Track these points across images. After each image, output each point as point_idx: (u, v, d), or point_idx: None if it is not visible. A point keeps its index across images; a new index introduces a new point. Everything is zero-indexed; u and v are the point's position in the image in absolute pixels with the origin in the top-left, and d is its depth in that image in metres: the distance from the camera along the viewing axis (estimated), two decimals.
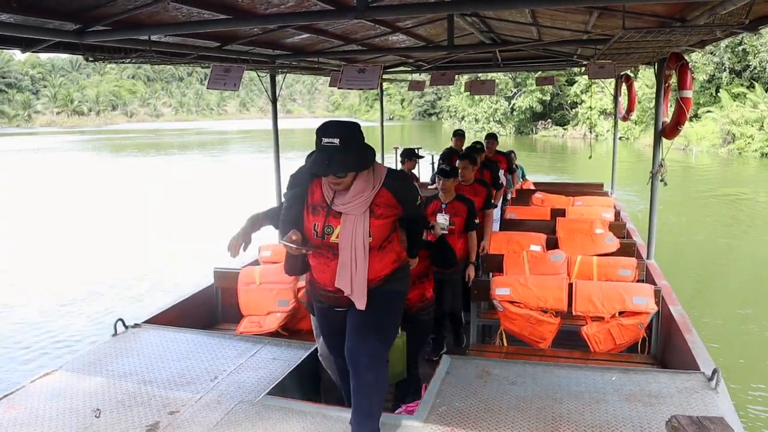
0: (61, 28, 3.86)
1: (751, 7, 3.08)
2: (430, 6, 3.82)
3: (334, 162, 2.53)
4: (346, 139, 2.55)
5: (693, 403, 2.95)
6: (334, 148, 2.54)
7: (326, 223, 2.73)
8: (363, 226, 2.69)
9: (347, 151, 2.55)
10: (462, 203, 4.91)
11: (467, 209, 4.89)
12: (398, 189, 2.73)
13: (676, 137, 5.26)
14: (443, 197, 4.92)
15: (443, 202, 4.92)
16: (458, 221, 4.86)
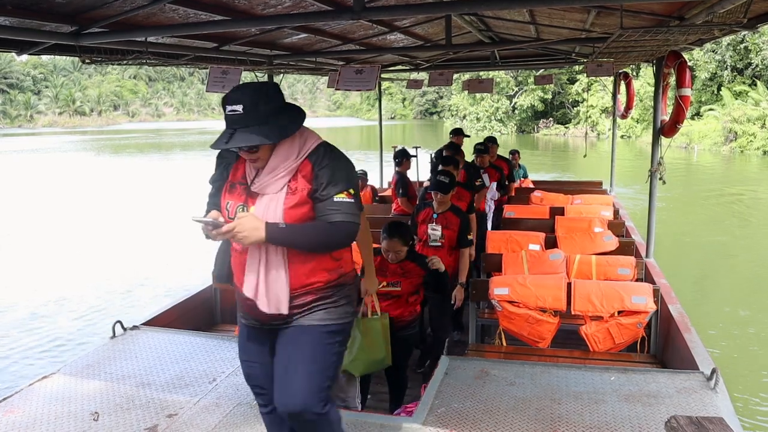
0: (58, 30, 3.85)
1: (750, 6, 3.08)
2: (427, 6, 3.81)
3: (237, 134, 2.07)
4: (254, 105, 2.08)
5: (692, 403, 2.95)
6: (237, 117, 2.08)
7: (240, 202, 2.24)
8: (276, 208, 2.16)
9: (255, 120, 2.08)
10: (455, 215, 4.55)
11: (460, 222, 4.51)
12: (322, 164, 2.17)
13: (675, 135, 5.25)
14: (437, 206, 4.60)
15: (435, 212, 4.59)
16: (449, 235, 4.50)
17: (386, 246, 3.79)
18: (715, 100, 31.46)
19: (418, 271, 3.81)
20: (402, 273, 3.80)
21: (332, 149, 2.25)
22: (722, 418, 1.94)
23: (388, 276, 3.78)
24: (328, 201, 2.15)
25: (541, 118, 42.90)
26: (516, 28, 6.49)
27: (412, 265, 3.82)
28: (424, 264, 3.86)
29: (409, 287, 3.80)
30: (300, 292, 2.22)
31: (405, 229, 3.86)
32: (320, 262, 2.23)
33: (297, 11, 4.12)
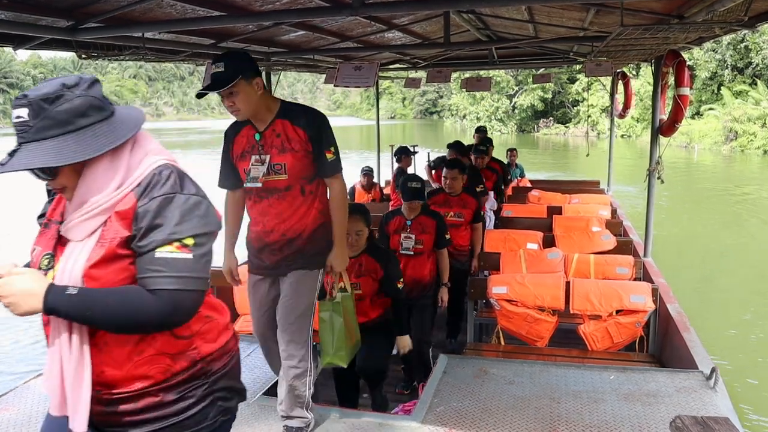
0: (54, 24, 3.81)
1: (750, 4, 3.06)
2: (425, 3, 3.79)
3: (20, 150, 1.41)
4: (38, 113, 1.39)
5: (692, 403, 2.94)
6: (22, 126, 1.41)
7: (47, 250, 1.54)
8: (74, 264, 1.45)
9: (44, 128, 1.40)
10: (429, 218, 4.31)
11: (436, 224, 4.30)
12: (148, 198, 1.44)
13: (673, 135, 5.24)
14: (407, 213, 4.30)
15: (407, 219, 4.30)
16: (426, 239, 4.26)
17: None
18: (715, 99, 31.51)
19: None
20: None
21: (175, 175, 1.50)
22: (728, 418, 1.93)
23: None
24: (147, 256, 1.42)
25: (542, 118, 42.91)
26: (514, 26, 6.47)
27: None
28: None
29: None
30: (123, 393, 1.50)
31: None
32: (151, 342, 1.50)
33: (295, 7, 4.09)
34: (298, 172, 2.70)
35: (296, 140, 2.67)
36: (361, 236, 3.55)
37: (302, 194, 2.73)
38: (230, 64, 2.50)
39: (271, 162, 2.68)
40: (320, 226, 2.81)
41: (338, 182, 2.81)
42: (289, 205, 2.73)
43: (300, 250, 2.78)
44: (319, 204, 2.79)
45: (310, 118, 2.70)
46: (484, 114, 43.61)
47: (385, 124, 59.20)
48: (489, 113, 43.48)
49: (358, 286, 3.53)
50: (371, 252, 3.62)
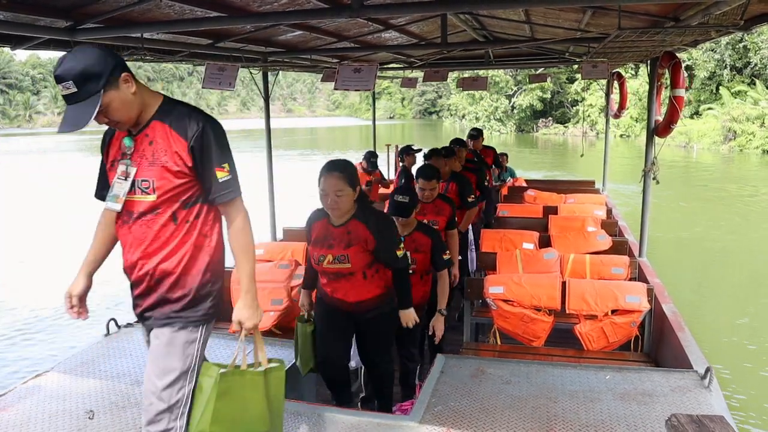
0: (52, 25, 3.82)
1: (746, 8, 3.09)
2: (423, 5, 3.81)
3: None
4: None
5: (686, 402, 2.97)
6: None
7: None
8: None
9: None
10: (425, 234, 3.83)
11: (432, 242, 3.81)
12: None
13: (668, 135, 5.28)
14: (401, 229, 3.70)
15: (401, 235, 3.61)
16: (420, 258, 3.81)
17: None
18: (714, 99, 31.65)
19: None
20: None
21: None
22: (722, 417, 1.96)
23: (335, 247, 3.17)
24: None
25: (540, 118, 42.97)
26: (511, 27, 6.50)
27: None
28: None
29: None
30: None
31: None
32: None
33: (293, 8, 4.11)
34: (170, 193, 2.15)
35: (171, 151, 2.11)
36: (342, 197, 3.04)
37: (174, 222, 2.17)
38: (81, 78, 2.01)
39: (136, 177, 2.16)
40: (200, 268, 2.24)
41: (236, 211, 2.23)
42: (156, 235, 2.18)
43: (166, 298, 2.24)
44: (200, 238, 2.22)
45: (195, 122, 2.13)
46: (483, 114, 43.65)
47: (385, 124, 59.34)
48: (488, 113, 43.53)
49: (346, 258, 3.12)
50: (360, 216, 3.14)
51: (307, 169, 23.51)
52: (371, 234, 3.10)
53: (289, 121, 68.91)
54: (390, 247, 3.17)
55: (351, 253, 3.11)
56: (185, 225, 2.19)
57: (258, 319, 2.30)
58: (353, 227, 3.12)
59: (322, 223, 3.24)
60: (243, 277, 2.25)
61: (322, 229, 3.22)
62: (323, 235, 3.19)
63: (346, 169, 3.06)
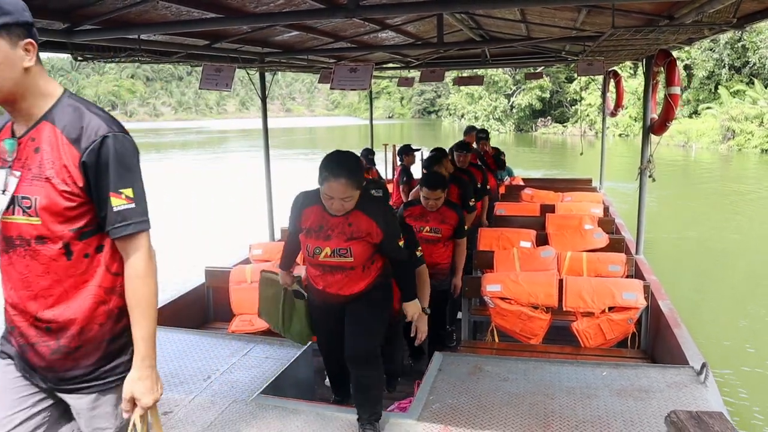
0: (49, 27, 3.83)
1: (739, 5, 3.12)
2: (419, 5, 3.83)
3: None
4: None
5: (683, 397, 2.99)
6: None
7: None
8: None
9: None
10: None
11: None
12: None
13: (664, 133, 5.30)
14: None
15: None
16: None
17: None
18: (712, 98, 31.69)
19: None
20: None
21: None
22: (721, 413, 1.99)
23: None
24: None
25: (540, 117, 42.85)
26: (506, 26, 6.52)
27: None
28: None
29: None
30: None
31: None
32: None
33: (290, 9, 4.12)
34: (58, 218, 1.64)
35: (59, 163, 1.62)
36: (349, 202, 2.82)
37: (66, 256, 1.68)
38: None
39: (16, 192, 1.65)
40: (110, 315, 1.75)
41: (134, 250, 1.70)
42: (45, 270, 1.68)
43: (67, 355, 1.73)
44: (107, 277, 1.73)
45: (94, 129, 1.64)
46: (482, 113, 43.60)
47: (384, 123, 59.34)
48: (487, 113, 43.48)
49: (348, 252, 2.90)
50: (363, 207, 2.90)
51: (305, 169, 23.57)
52: (377, 226, 2.89)
53: (287, 121, 68.90)
54: (395, 239, 3.00)
55: (354, 246, 2.89)
56: (84, 261, 1.69)
57: (158, 394, 1.76)
58: (354, 219, 2.88)
59: (316, 209, 2.94)
60: (138, 340, 1.71)
61: (316, 217, 2.94)
62: (318, 225, 2.93)
63: (352, 170, 2.76)
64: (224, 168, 24.28)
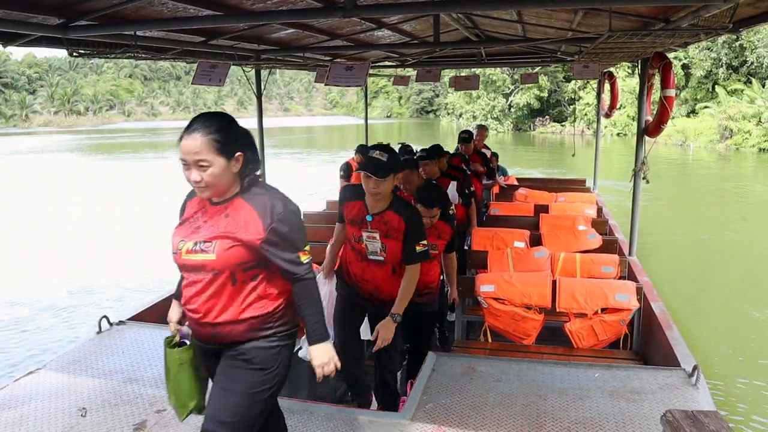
0: (45, 22, 3.81)
1: (735, 11, 3.13)
2: (417, 5, 3.82)
3: None
4: None
5: (674, 399, 3.01)
6: None
7: None
8: None
9: None
10: (399, 216, 3.25)
11: (407, 227, 3.23)
12: None
13: (659, 135, 5.32)
14: (371, 203, 3.28)
15: (369, 213, 3.27)
16: (392, 246, 3.26)
17: None
18: (710, 97, 31.85)
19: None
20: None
21: None
22: (716, 412, 2.00)
23: None
24: None
25: (538, 116, 42.91)
26: (503, 26, 6.52)
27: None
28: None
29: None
30: None
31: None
32: None
33: (287, 8, 4.12)
34: None
35: None
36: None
37: None
38: None
39: None
40: None
41: None
42: None
43: None
44: None
45: None
46: (480, 113, 43.61)
47: (382, 122, 59.33)
48: (485, 112, 43.50)
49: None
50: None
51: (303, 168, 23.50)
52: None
53: (286, 120, 68.90)
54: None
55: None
56: None
57: None
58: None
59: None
60: None
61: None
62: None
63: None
64: None
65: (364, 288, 3.39)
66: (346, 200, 3.45)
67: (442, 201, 3.97)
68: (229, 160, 2.12)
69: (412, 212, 3.31)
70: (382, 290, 3.34)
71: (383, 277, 3.33)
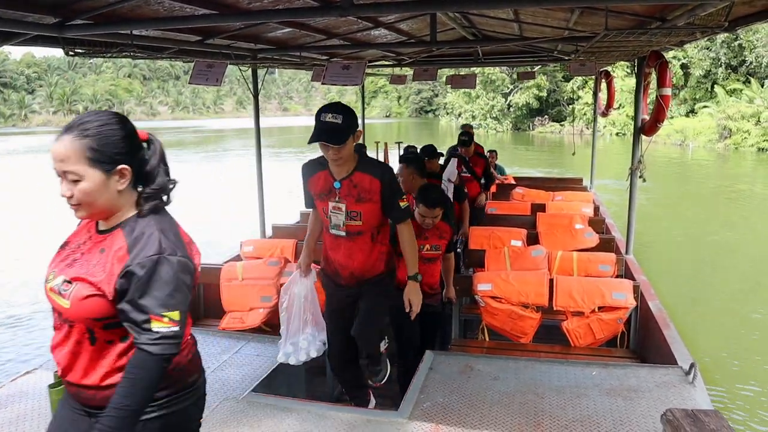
0: (41, 21, 3.79)
1: (731, 9, 3.14)
2: (414, 4, 3.82)
3: None
4: None
5: (671, 397, 3.02)
6: None
7: None
8: None
9: None
10: (371, 176, 3.07)
11: (381, 185, 3.06)
12: None
13: (655, 134, 5.33)
14: (335, 169, 3.08)
15: (335, 179, 3.08)
16: (367, 210, 3.08)
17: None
18: (709, 97, 31.90)
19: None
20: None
21: None
22: (716, 411, 2.00)
23: None
24: None
25: (537, 116, 42.90)
26: (499, 25, 6.52)
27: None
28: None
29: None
30: None
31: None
32: None
33: (283, 6, 4.11)
34: None
35: None
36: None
37: None
38: None
39: None
40: None
41: None
42: None
43: None
44: None
45: None
46: (480, 112, 43.59)
47: (381, 122, 59.26)
48: (484, 111, 43.49)
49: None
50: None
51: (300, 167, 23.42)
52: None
53: (285, 120, 68.83)
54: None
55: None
56: None
57: None
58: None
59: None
60: None
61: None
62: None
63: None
64: (219, 166, 24.17)
65: (347, 272, 3.21)
66: (308, 177, 3.18)
67: (443, 201, 3.85)
68: (107, 174, 1.66)
69: (384, 169, 3.10)
70: (364, 265, 3.18)
71: (362, 248, 3.14)
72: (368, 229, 3.12)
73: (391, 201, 3.07)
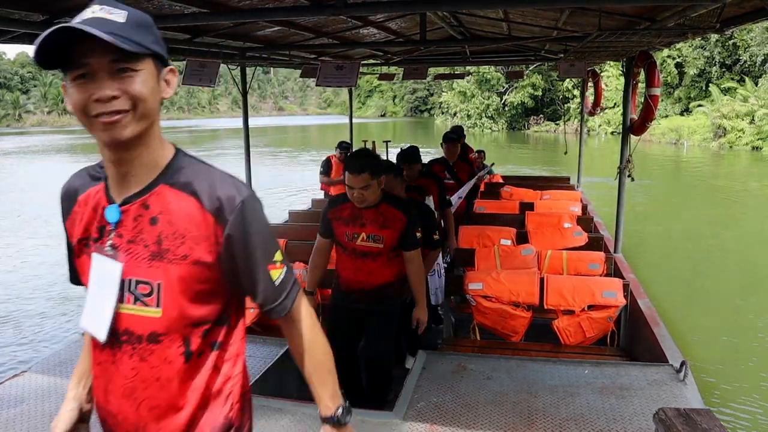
0: (27, 18, 3.74)
1: (722, 10, 3.16)
2: (406, 4, 3.82)
3: None
4: None
5: (662, 395, 3.04)
6: None
7: None
8: None
9: None
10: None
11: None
12: None
13: (644, 133, 5.37)
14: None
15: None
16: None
17: None
18: (703, 96, 32.08)
19: None
20: None
21: None
22: (709, 410, 2.02)
23: None
24: None
25: (532, 115, 42.92)
26: (488, 24, 6.53)
27: None
28: None
29: None
30: None
31: None
32: None
33: (274, 5, 4.08)
34: None
35: None
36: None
37: None
38: None
39: None
40: None
41: None
42: None
43: None
44: None
45: None
46: (475, 111, 43.55)
47: (376, 122, 59.32)
48: (479, 111, 43.47)
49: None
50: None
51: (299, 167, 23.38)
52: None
53: (280, 120, 68.65)
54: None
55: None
56: None
57: None
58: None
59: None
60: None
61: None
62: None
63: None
64: (221, 165, 23.87)
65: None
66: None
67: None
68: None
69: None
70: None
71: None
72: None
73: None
